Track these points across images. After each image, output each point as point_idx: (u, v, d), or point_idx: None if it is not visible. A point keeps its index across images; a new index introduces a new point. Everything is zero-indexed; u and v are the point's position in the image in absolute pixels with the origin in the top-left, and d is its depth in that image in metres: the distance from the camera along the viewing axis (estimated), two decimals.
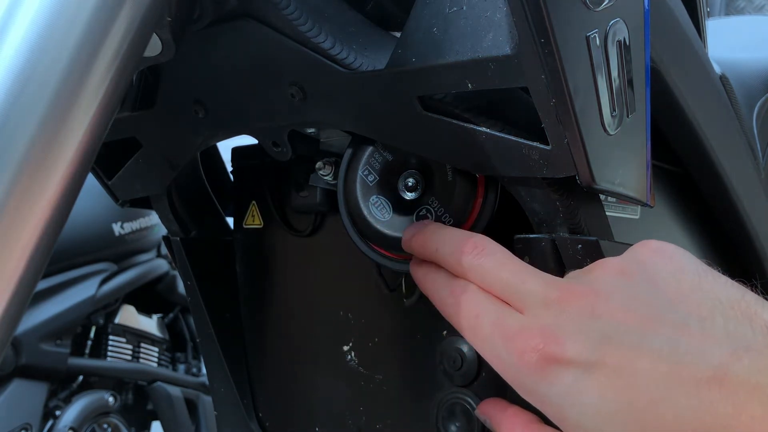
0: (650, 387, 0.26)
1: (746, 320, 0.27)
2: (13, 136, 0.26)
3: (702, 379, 0.26)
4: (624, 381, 0.27)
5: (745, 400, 0.25)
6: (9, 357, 1.36)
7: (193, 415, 1.80)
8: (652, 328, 0.27)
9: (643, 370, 0.26)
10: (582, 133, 0.31)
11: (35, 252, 0.28)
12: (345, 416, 0.50)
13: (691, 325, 0.27)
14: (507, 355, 0.30)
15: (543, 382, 0.28)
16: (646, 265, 0.30)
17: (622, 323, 0.28)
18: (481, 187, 0.39)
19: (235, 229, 0.55)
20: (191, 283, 0.54)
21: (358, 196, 0.41)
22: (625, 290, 0.29)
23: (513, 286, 0.31)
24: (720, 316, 0.27)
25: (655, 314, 0.28)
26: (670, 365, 0.26)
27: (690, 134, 0.49)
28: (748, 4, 2.31)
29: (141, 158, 0.48)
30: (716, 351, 0.26)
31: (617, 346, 0.27)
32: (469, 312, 0.32)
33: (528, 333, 0.29)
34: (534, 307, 0.30)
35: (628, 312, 0.28)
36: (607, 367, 0.27)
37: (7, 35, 0.26)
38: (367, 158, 0.41)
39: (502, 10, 0.31)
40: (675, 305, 0.28)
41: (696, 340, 0.27)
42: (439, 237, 0.35)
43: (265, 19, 0.37)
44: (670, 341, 0.27)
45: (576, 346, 0.28)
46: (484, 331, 0.31)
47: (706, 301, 0.28)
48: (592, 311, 0.28)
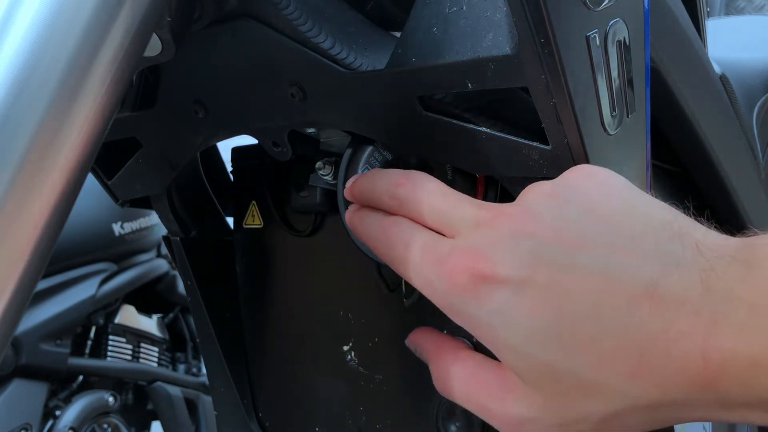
0: (580, 304, 0.26)
1: (677, 239, 0.27)
2: (13, 136, 0.26)
3: (632, 295, 0.26)
4: (554, 298, 0.27)
5: (674, 316, 0.25)
6: (9, 357, 1.36)
7: (193, 415, 1.80)
8: (582, 246, 0.27)
9: (574, 287, 0.26)
10: (582, 133, 0.31)
11: (35, 252, 0.28)
12: (345, 416, 0.50)
13: (622, 244, 0.27)
14: (437, 279, 0.29)
15: (473, 302, 0.28)
16: (577, 188, 0.29)
17: (552, 242, 0.27)
18: (480, 187, 0.39)
19: (235, 229, 0.55)
20: (191, 283, 0.54)
21: None
22: (555, 211, 0.28)
23: (444, 213, 0.31)
24: (651, 234, 0.27)
25: (585, 233, 0.27)
26: (601, 282, 0.26)
27: (690, 134, 0.49)
28: (748, 4, 2.31)
29: (141, 158, 0.48)
30: (647, 268, 0.26)
31: (548, 264, 0.27)
32: (399, 242, 0.32)
33: (458, 254, 0.29)
34: (465, 230, 0.30)
35: (558, 231, 0.28)
36: (538, 284, 0.27)
37: (7, 35, 0.26)
38: (367, 158, 0.41)
39: (502, 10, 0.31)
40: (606, 225, 0.28)
41: (627, 258, 0.26)
42: (375, 177, 0.35)
43: (265, 19, 0.37)
44: (600, 259, 0.27)
45: (506, 265, 0.28)
46: (414, 257, 0.31)
47: (638, 221, 0.28)
48: (523, 231, 0.28)
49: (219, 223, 0.57)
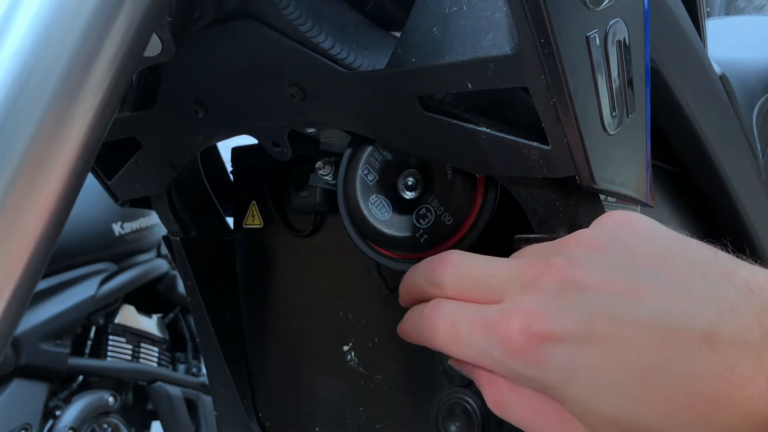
0: (644, 355, 0.26)
1: (725, 279, 0.27)
2: (13, 136, 0.26)
3: (693, 342, 0.25)
4: (618, 352, 0.26)
5: (735, 360, 0.25)
6: (9, 357, 1.36)
7: (193, 415, 1.80)
8: (637, 296, 0.27)
9: (635, 338, 0.26)
10: (582, 133, 0.31)
11: (35, 252, 0.28)
12: (345, 416, 0.50)
13: (674, 290, 0.27)
14: (494, 348, 0.29)
15: (536, 365, 0.28)
16: (618, 237, 0.29)
17: (606, 294, 0.27)
18: (480, 187, 0.39)
19: (235, 229, 0.55)
20: (191, 283, 0.54)
21: (358, 195, 0.41)
22: (603, 262, 0.28)
23: (485, 281, 0.30)
24: (700, 277, 0.27)
25: (637, 283, 0.27)
26: (661, 331, 0.26)
27: (690, 134, 0.49)
28: (748, 4, 2.31)
29: (141, 158, 0.48)
30: (703, 312, 0.26)
31: (605, 317, 0.27)
32: (445, 324, 0.31)
33: (509, 316, 0.28)
34: (511, 293, 0.29)
35: (610, 282, 0.27)
36: (599, 339, 0.27)
37: (8, 35, 0.26)
38: (367, 158, 0.41)
39: (502, 10, 0.31)
40: (654, 272, 0.27)
41: (682, 304, 0.26)
42: (411, 272, 0.35)
43: (265, 19, 0.37)
44: (656, 307, 0.26)
45: (564, 321, 0.27)
46: (463, 334, 0.30)
47: (683, 264, 0.28)
48: (574, 285, 0.28)
49: (219, 223, 0.57)
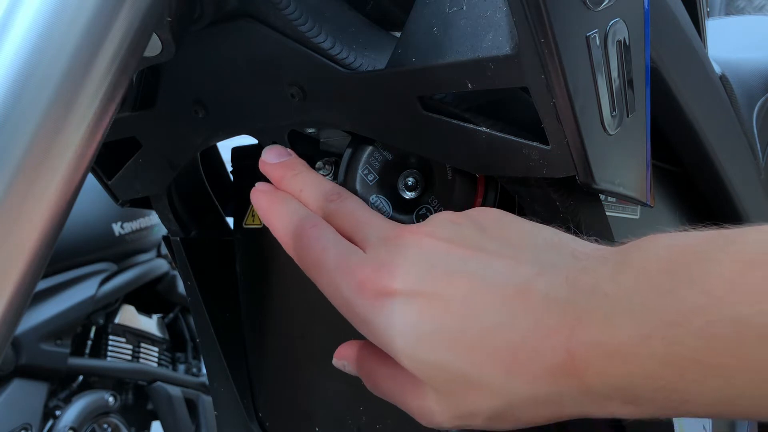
0: (461, 307, 0.28)
1: (555, 248, 0.29)
2: (13, 136, 0.26)
3: (507, 295, 0.28)
4: (439, 304, 0.29)
5: (543, 314, 0.26)
6: (9, 357, 1.36)
7: (193, 415, 1.80)
8: (470, 255, 0.30)
9: (456, 292, 0.28)
10: (582, 133, 0.31)
11: (35, 252, 0.28)
12: (345, 416, 0.50)
13: (504, 253, 0.29)
14: (345, 288, 0.32)
15: (373, 311, 0.30)
16: (474, 215, 0.32)
17: (444, 253, 0.30)
18: (480, 187, 0.39)
19: (235, 229, 0.55)
20: (191, 283, 0.54)
21: (358, 195, 0.41)
22: (452, 229, 0.31)
23: (359, 227, 0.34)
24: (532, 246, 0.30)
25: (475, 245, 0.30)
26: (480, 285, 0.28)
27: (690, 134, 0.49)
28: (748, 4, 2.31)
29: (141, 158, 0.48)
30: (522, 270, 0.28)
31: (437, 273, 0.29)
32: (317, 244, 0.33)
33: (364, 267, 0.31)
34: (374, 244, 0.32)
35: (451, 244, 0.30)
36: (426, 293, 0.29)
37: (8, 35, 0.26)
38: (367, 158, 0.41)
39: (502, 10, 0.31)
40: (494, 239, 0.30)
41: (506, 263, 0.29)
42: (305, 179, 0.37)
43: (265, 19, 0.37)
44: (483, 264, 0.29)
45: (401, 277, 0.30)
46: (328, 264, 0.33)
47: (522, 237, 0.30)
48: (420, 245, 0.31)
49: (219, 223, 0.57)
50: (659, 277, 0.24)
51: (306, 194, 0.37)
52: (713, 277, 0.23)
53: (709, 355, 0.23)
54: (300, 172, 0.38)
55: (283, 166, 0.38)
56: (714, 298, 0.23)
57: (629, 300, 0.25)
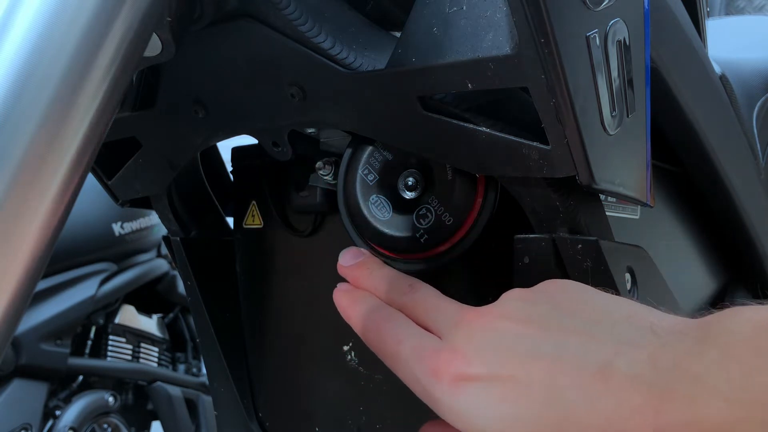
0: (542, 391, 0.28)
1: (632, 323, 0.28)
2: (13, 136, 0.26)
3: (587, 375, 0.27)
4: (520, 389, 0.28)
5: (627, 392, 0.26)
6: (9, 357, 1.36)
7: (193, 415, 1.80)
8: (545, 335, 0.29)
9: (536, 375, 0.28)
10: (582, 133, 0.31)
11: (35, 252, 0.28)
12: (345, 416, 0.50)
13: (581, 330, 0.29)
14: (422, 376, 0.32)
15: (452, 397, 0.30)
16: (548, 291, 0.32)
17: (518, 335, 0.30)
18: (481, 187, 0.39)
19: (235, 229, 0.55)
20: (191, 283, 0.54)
21: (358, 195, 0.41)
22: (525, 308, 0.31)
23: (432, 314, 0.34)
24: (608, 320, 0.29)
25: (549, 324, 0.30)
26: (559, 366, 0.28)
27: (690, 134, 0.49)
28: (748, 4, 2.31)
29: (141, 158, 0.48)
30: (602, 349, 0.27)
31: (513, 356, 0.29)
32: (392, 338, 0.34)
33: (440, 353, 0.31)
34: (448, 330, 0.32)
35: (524, 324, 0.30)
36: (503, 377, 0.29)
37: (8, 35, 0.26)
38: (367, 158, 0.41)
39: (502, 10, 0.31)
40: (568, 316, 0.30)
41: (583, 341, 0.28)
42: (380, 276, 0.38)
43: (265, 19, 0.37)
44: (559, 344, 0.29)
45: (478, 361, 0.30)
46: (404, 353, 0.33)
47: (598, 312, 0.30)
48: (494, 327, 0.31)
49: (219, 223, 0.57)
50: (745, 354, 0.24)
51: (381, 290, 0.37)
52: None
53: None
54: (374, 270, 0.39)
55: (358, 266, 0.39)
56: None
57: (715, 379, 0.24)
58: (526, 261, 0.36)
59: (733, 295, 0.64)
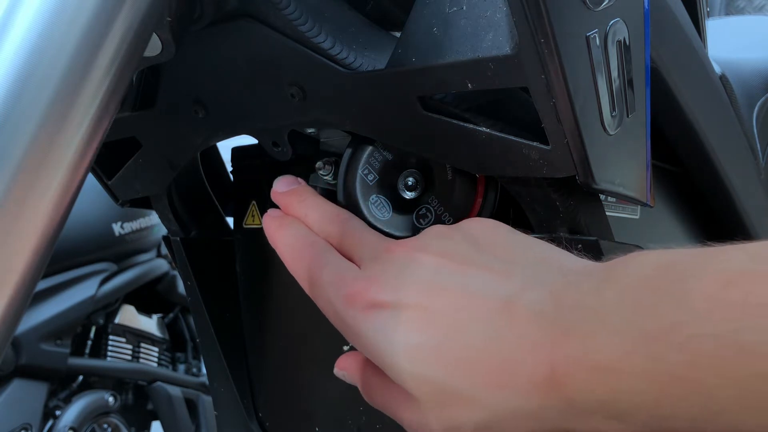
0: (447, 320, 0.28)
1: (544, 263, 0.29)
2: (13, 136, 0.26)
3: (492, 309, 0.28)
4: (426, 317, 0.29)
5: (528, 327, 0.27)
6: (9, 357, 1.36)
7: (193, 415, 1.80)
8: (456, 268, 0.30)
9: (443, 305, 0.29)
10: (582, 133, 0.31)
11: (35, 252, 0.28)
12: (345, 416, 0.50)
13: (493, 266, 0.30)
14: (337, 302, 0.32)
15: (363, 323, 0.31)
16: (465, 228, 0.33)
17: (432, 267, 0.30)
18: (481, 187, 0.39)
19: (235, 229, 0.55)
20: (191, 283, 0.54)
21: (358, 195, 0.41)
22: (442, 243, 0.32)
23: (356, 246, 0.35)
24: (520, 260, 0.30)
25: (463, 259, 0.30)
26: (467, 299, 0.29)
27: (690, 134, 0.49)
28: (748, 4, 2.31)
29: (141, 158, 0.48)
30: (508, 285, 0.28)
31: (424, 286, 0.30)
32: (315, 263, 0.35)
33: (356, 281, 0.32)
34: (367, 260, 0.34)
35: (440, 258, 0.31)
36: (413, 306, 0.29)
37: (8, 35, 0.26)
38: (367, 158, 0.41)
39: (502, 10, 0.31)
40: (485, 254, 0.31)
41: (492, 277, 0.29)
42: (310, 204, 0.39)
43: (265, 19, 0.37)
44: (470, 278, 0.29)
45: (387, 289, 0.31)
46: (323, 279, 0.34)
47: (514, 250, 0.31)
48: (410, 259, 0.31)
49: (219, 223, 0.57)
50: (642, 293, 0.24)
51: (311, 218, 0.38)
52: (694, 294, 0.23)
53: (690, 371, 0.23)
54: (305, 198, 0.39)
55: (290, 193, 0.40)
56: (694, 315, 0.23)
57: (612, 315, 0.25)
58: None
59: None
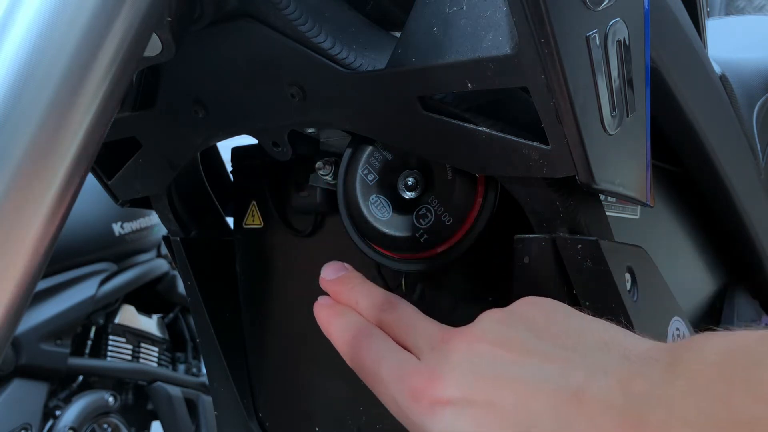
0: (516, 415, 0.28)
1: (605, 348, 0.29)
2: (13, 136, 0.26)
3: (562, 400, 0.27)
4: (494, 414, 0.28)
5: (599, 418, 0.26)
6: (9, 357, 1.36)
7: (193, 415, 1.80)
8: (519, 359, 0.29)
9: (509, 400, 0.28)
10: (582, 133, 0.31)
11: (35, 252, 0.28)
12: (345, 416, 0.50)
13: (555, 354, 0.29)
14: (400, 397, 0.32)
15: (429, 420, 0.30)
16: (524, 312, 0.32)
17: (493, 359, 0.30)
18: (480, 187, 0.39)
19: (235, 229, 0.55)
20: (191, 283, 0.54)
21: (358, 195, 0.41)
22: (500, 331, 0.31)
23: (411, 334, 0.34)
24: (582, 345, 0.29)
25: (524, 348, 0.30)
26: (533, 391, 0.28)
27: (690, 134, 0.49)
28: (748, 4, 2.31)
29: (141, 158, 0.48)
30: (576, 374, 0.28)
31: (487, 380, 0.29)
32: (371, 356, 0.34)
33: (417, 376, 0.31)
34: (425, 350, 0.33)
35: (500, 348, 0.30)
36: (479, 401, 0.29)
37: (8, 35, 0.26)
38: (367, 158, 0.41)
39: (502, 10, 0.31)
40: (544, 341, 0.30)
41: (557, 366, 0.28)
42: (360, 291, 0.38)
43: (265, 19, 0.37)
44: (534, 369, 0.29)
45: (452, 385, 0.30)
46: (382, 373, 0.33)
47: (573, 335, 0.30)
48: (470, 350, 0.31)
49: (219, 223, 0.57)
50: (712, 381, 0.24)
51: (362, 305, 0.37)
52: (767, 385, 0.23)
53: None
54: (355, 285, 0.39)
55: (339, 281, 0.39)
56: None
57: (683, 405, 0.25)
58: (526, 261, 0.36)
59: (732, 295, 0.64)
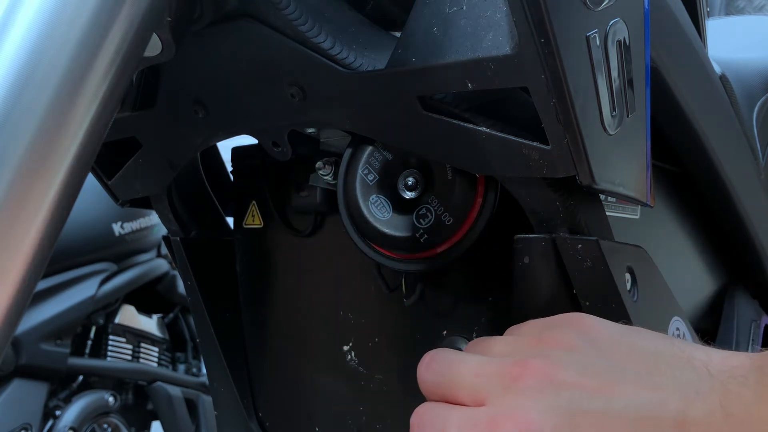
0: None
1: (687, 365, 0.29)
2: (13, 135, 0.26)
3: (666, 428, 0.27)
4: None
5: None
6: (9, 357, 1.36)
7: (193, 415, 1.80)
8: (611, 391, 0.28)
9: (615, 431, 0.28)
10: (582, 133, 0.31)
11: (35, 252, 0.28)
12: (345, 416, 0.50)
13: (642, 381, 0.29)
14: None
15: None
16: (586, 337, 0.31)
17: (584, 391, 0.28)
18: (481, 187, 0.39)
19: (235, 229, 0.55)
20: (191, 283, 0.54)
21: (358, 195, 0.41)
22: (576, 361, 0.29)
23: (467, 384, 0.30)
24: (664, 366, 0.29)
25: (609, 378, 0.29)
26: (637, 422, 0.28)
27: (690, 134, 0.49)
28: (748, 4, 2.30)
29: (141, 158, 0.48)
30: (672, 400, 0.28)
31: (586, 414, 0.28)
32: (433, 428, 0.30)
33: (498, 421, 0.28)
34: (494, 394, 0.29)
35: (585, 380, 0.29)
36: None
37: (8, 35, 0.26)
38: (367, 157, 0.41)
39: (502, 10, 0.31)
40: (622, 366, 0.29)
41: (652, 394, 0.28)
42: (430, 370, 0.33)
43: (265, 19, 0.37)
44: (629, 400, 0.28)
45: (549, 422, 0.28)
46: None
47: (645, 355, 0.30)
48: (552, 384, 0.29)
49: (219, 223, 0.57)
50: None
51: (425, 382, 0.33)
52: None
53: None
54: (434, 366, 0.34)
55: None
56: None
57: None
58: (526, 261, 0.36)
59: (732, 295, 0.64)
